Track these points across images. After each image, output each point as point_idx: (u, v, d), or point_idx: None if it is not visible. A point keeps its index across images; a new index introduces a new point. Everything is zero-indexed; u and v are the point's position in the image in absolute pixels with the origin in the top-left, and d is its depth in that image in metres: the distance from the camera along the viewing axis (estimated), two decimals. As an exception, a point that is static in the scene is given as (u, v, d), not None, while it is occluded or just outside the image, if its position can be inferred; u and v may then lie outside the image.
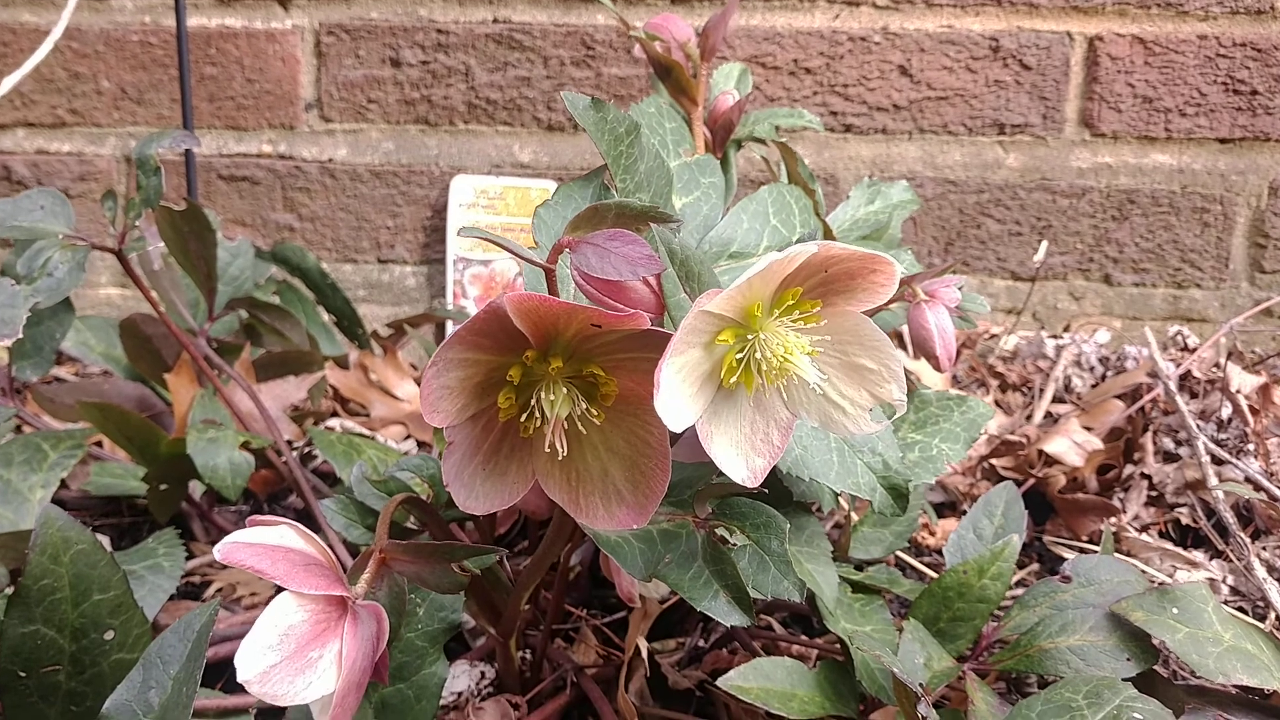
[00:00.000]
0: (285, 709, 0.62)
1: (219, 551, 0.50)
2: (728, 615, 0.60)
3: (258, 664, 0.49)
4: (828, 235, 0.85)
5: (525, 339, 0.52)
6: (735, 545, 0.62)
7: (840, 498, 0.83)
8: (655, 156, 0.71)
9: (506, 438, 0.56)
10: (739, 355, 0.53)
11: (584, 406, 0.54)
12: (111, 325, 1.29)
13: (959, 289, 0.79)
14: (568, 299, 0.56)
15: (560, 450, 0.53)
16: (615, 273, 0.53)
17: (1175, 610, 0.74)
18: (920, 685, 0.68)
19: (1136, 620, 0.74)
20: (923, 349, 0.78)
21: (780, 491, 0.75)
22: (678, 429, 0.51)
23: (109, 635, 0.67)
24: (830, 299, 0.54)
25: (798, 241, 0.71)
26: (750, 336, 0.53)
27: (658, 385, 0.49)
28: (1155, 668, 0.76)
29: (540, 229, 0.64)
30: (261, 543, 0.52)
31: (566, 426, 0.53)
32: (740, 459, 0.55)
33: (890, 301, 0.81)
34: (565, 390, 0.53)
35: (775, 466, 0.57)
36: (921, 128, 1.63)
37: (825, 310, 0.54)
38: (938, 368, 0.78)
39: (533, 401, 0.53)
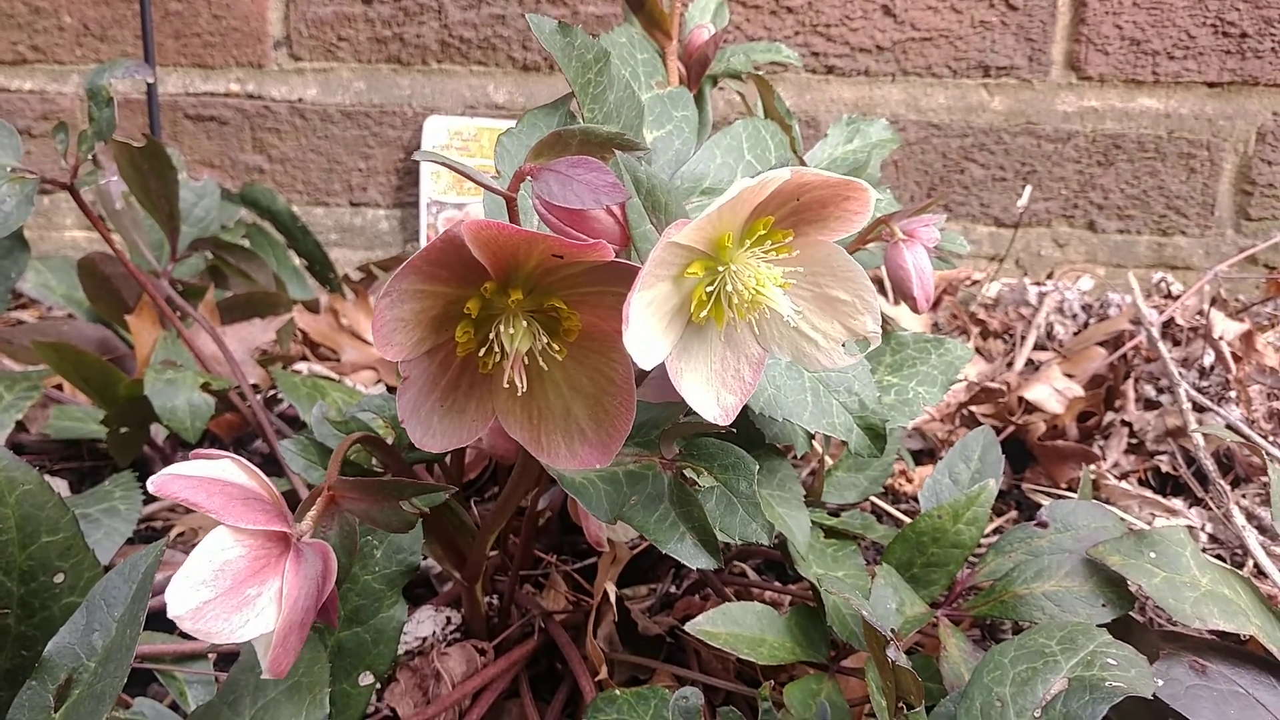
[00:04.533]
0: (239, 652, 0.60)
1: (153, 484, 0.48)
2: (694, 558, 0.58)
3: (189, 600, 0.46)
4: (805, 171, 0.82)
5: (484, 270, 0.50)
6: (703, 487, 0.61)
7: (814, 441, 0.82)
8: (626, 87, 0.68)
9: (465, 373, 0.54)
10: (709, 288, 0.51)
11: (545, 341, 0.51)
12: (72, 266, 1.26)
13: (938, 229, 0.77)
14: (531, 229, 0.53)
15: (520, 386, 0.51)
16: (578, 200, 0.50)
17: (1153, 555, 0.73)
18: (891, 630, 0.67)
19: (1113, 564, 0.73)
20: (900, 289, 0.76)
21: (752, 434, 0.73)
22: (647, 366, 0.49)
23: (59, 578, 0.65)
24: (802, 229, 0.52)
25: (772, 173, 0.68)
26: (721, 269, 0.51)
27: (626, 320, 0.47)
28: (1131, 614, 0.75)
29: (503, 157, 0.61)
30: (197, 475, 0.49)
31: (527, 362, 0.51)
32: (711, 396, 0.54)
33: (867, 240, 0.79)
34: (526, 324, 0.51)
35: (747, 407, 0.55)
36: (905, 69, 1.60)
37: (797, 240, 0.52)
38: (915, 309, 0.76)
39: (492, 336, 0.51)
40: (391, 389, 1.30)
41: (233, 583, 0.47)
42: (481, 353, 0.52)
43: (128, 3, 1.64)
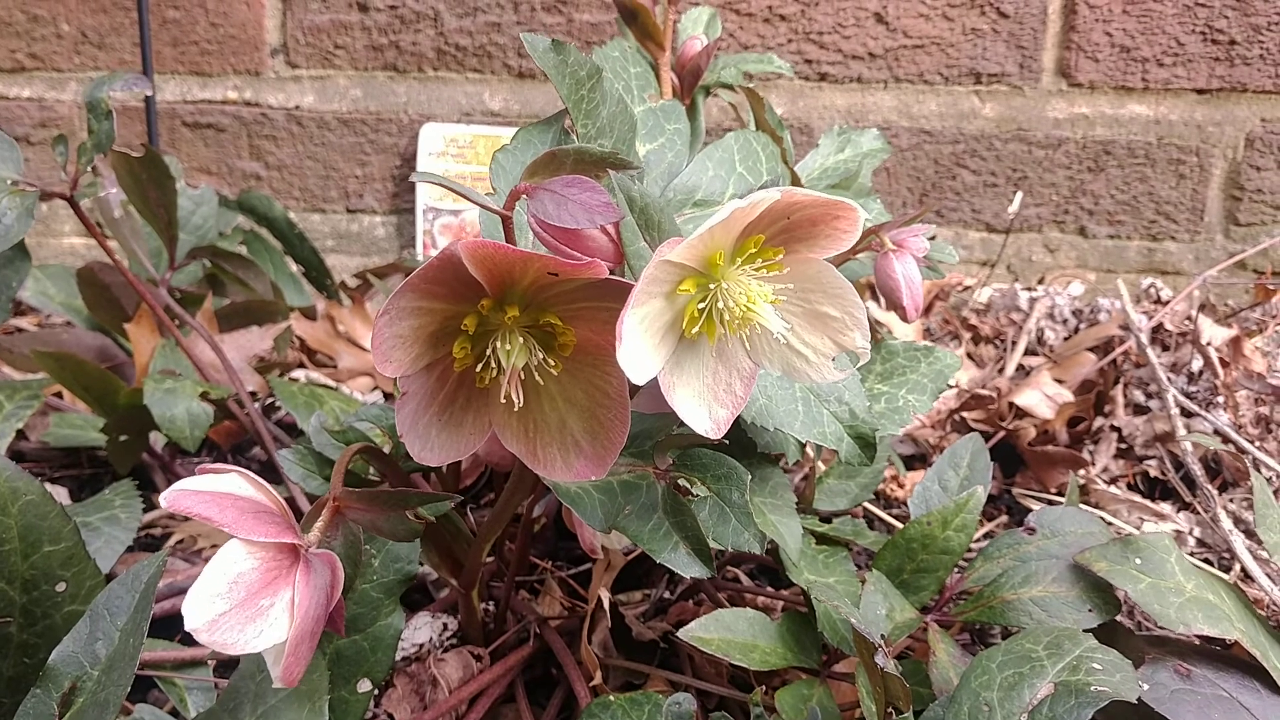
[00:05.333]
0: (238, 661, 0.61)
1: (165, 499, 0.49)
2: (687, 567, 0.59)
3: (206, 612, 0.48)
4: (795, 183, 0.84)
5: (481, 287, 0.51)
6: (696, 497, 0.62)
7: (806, 449, 0.83)
8: (618, 102, 0.69)
9: (462, 388, 0.55)
10: (701, 305, 0.52)
11: (541, 356, 0.52)
12: (71, 274, 1.27)
13: (928, 239, 0.78)
14: (526, 247, 0.54)
15: (516, 401, 0.52)
16: (572, 220, 0.51)
17: (1138, 561, 0.74)
18: (881, 636, 0.68)
19: (1099, 570, 0.74)
20: (890, 299, 0.77)
21: (745, 442, 0.74)
22: (641, 381, 0.50)
23: (61, 587, 0.66)
24: (793, 246, 0.53)
25: (762, 188, 0.69)
26: (712, 286, 0.52)
27: (620, 337, 0.48)
28: (1119, 618, 0.77)
29: (498, 174, 0.62)
30: (209, 490, 0.51)
31: (523, 377, 0.52)
32: (703, 410, 0.55)
33: (858, 251, 0.80)
34: (522, 340, 0.52)
35: (740, 417, 0.56)
36: (897, 77, 1.61)
37: (788, 258, 0.53)
38: (904, 318, 0.77)
39: (489, 351, 0.52)
40: (388, 396, 1.31)
41: (247, 594, 0.49)
42: (478, 368, 0.53)
43: (125, 11, 1.65)
